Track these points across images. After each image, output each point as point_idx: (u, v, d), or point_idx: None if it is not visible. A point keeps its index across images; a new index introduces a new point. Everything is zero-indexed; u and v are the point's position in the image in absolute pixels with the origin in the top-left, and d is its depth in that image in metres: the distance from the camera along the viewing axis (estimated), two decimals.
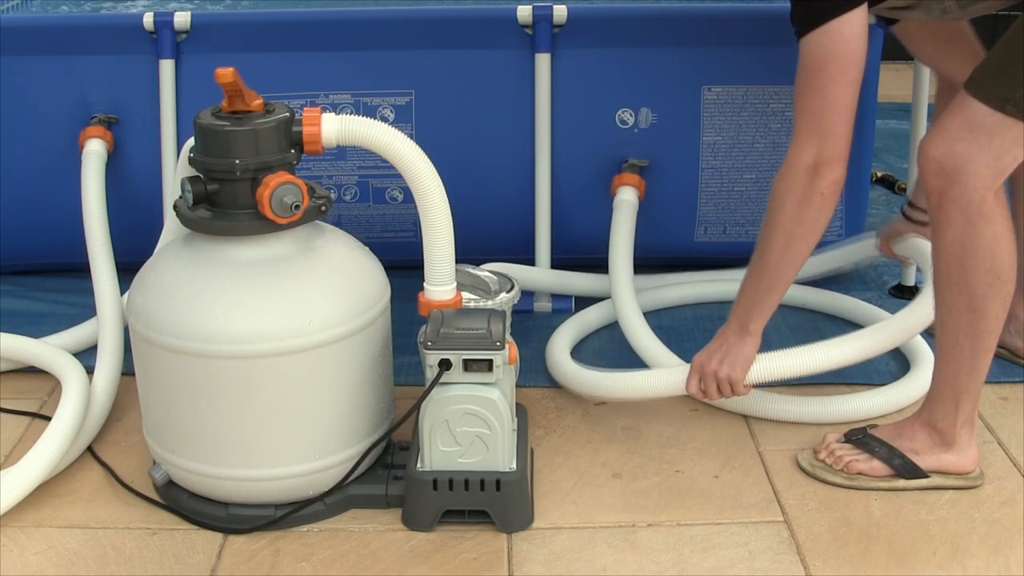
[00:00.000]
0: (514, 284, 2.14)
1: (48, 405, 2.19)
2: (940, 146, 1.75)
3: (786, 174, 1.83)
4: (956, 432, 1.89)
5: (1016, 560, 1.76)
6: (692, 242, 2.66)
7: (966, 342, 1.82)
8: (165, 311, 1.74)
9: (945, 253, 1.79)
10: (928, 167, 1.77)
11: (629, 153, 2.54)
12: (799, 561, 1.76)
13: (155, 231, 2.16)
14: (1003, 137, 1.72)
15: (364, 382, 1.84)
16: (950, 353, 1.85)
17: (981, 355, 1.83)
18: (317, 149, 1.79)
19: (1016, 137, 1.72)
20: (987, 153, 1.73)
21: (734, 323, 1.94)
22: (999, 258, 1.76)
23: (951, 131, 1.75)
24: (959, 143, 1.73)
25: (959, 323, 1.81)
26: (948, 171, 1.74)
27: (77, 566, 1.76)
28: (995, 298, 1.78)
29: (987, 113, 1.72)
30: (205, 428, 1.78)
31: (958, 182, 1.74)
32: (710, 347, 1.97)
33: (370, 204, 2.62)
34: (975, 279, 1.77)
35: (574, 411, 2.18)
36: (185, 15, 2.49)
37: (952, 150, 1.74)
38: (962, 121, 1.74)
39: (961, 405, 1.87)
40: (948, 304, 1.82)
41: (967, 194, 1.74)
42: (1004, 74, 1.72)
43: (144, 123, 2.52)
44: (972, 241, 1.75)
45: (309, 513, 1.84)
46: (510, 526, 1.82)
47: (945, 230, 1.77)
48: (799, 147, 1.80)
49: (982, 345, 1.82)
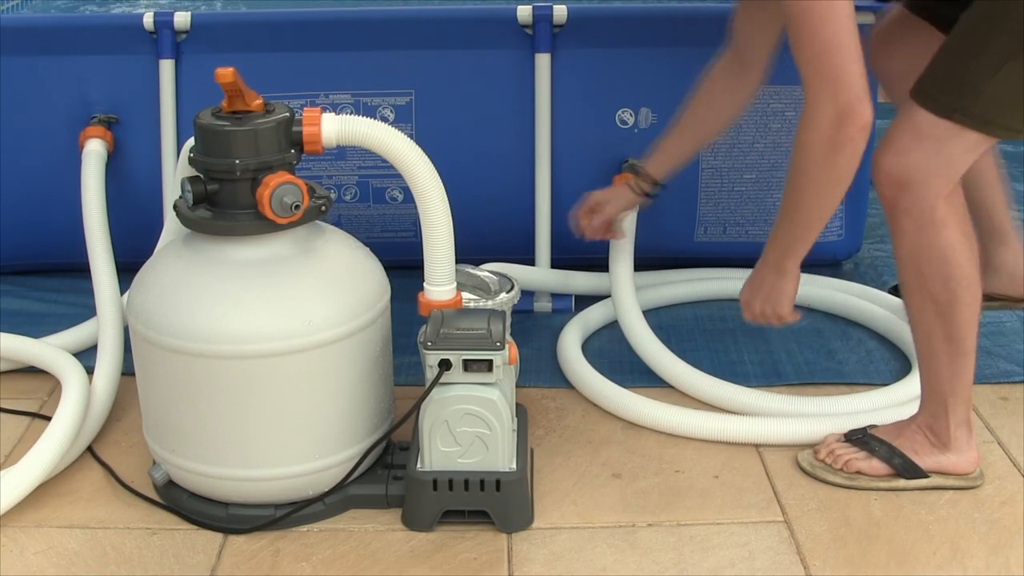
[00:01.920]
0: (514, 284, 2.14)
1: (48, 405, 2.19)
2: (890, 157, 1.75)
3: (809, 127, 1.74)
4: (951, 434, 1.89)
5: (1016, 560, 1.76)
6: (692, 242, 2.66)
7: (941, 346, 1.83)
8: (165, 311, 1.74)
9: (903, 262, 1.81)
10: (880, 178, 1.77)
11: (629, 153, 2.54)
12: (799, 561, 1.76)
13: (155, 231, 2.16)
14: (952, 145, 1.72)
15: (364, 382, 1.84)
16: (928, 358, 1.86)
17: (958, 359, 1.83)
18: (317, 149, 1.79)
19: (966, 144, 1.72)
20: (936, 162, 1.72)
21: (771, 263, 1.93)
22: (956, 264, 1.76)
23: (900, 142, 1.74)
24: (909, 153, 1.73)
25: (931, 328, 1.82)
26: (899, 181, 1.74)
27: (77, 566, 1.76)
28: (959, 303, 1.78)
29: (935, 122, 1.71)
30: (205, 428, 1.78)
31: (909, 192, 1.74)
32: (752, 283, 1.97)
33: (370, 204, 2.62)
34: (935, 286, 1.78)
35: (574, 411, 2.18)
36: (185, 15, 2.49)
37: (902, 160, 1.73)
38: (911, 131, 1.73)
39: (950, 408, 1.87)
40: (916, 310, 1.83)
41: (918, 203, 1.74)
42: (951, 81, 1.71)
43: (144, 123, 2.52)
44: (927, 249, 1.76)
45: (309, 513, 1.84)
46: (510, 526, 1.82)
47: (901, 240, 1.79)
48: (815, 100, 1.72)
49: (957, 349, 1.82)
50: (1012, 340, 2.41)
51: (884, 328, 2.42)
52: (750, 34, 2.06)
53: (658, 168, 2.23)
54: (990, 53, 1.68)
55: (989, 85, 1.68)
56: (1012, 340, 2.41)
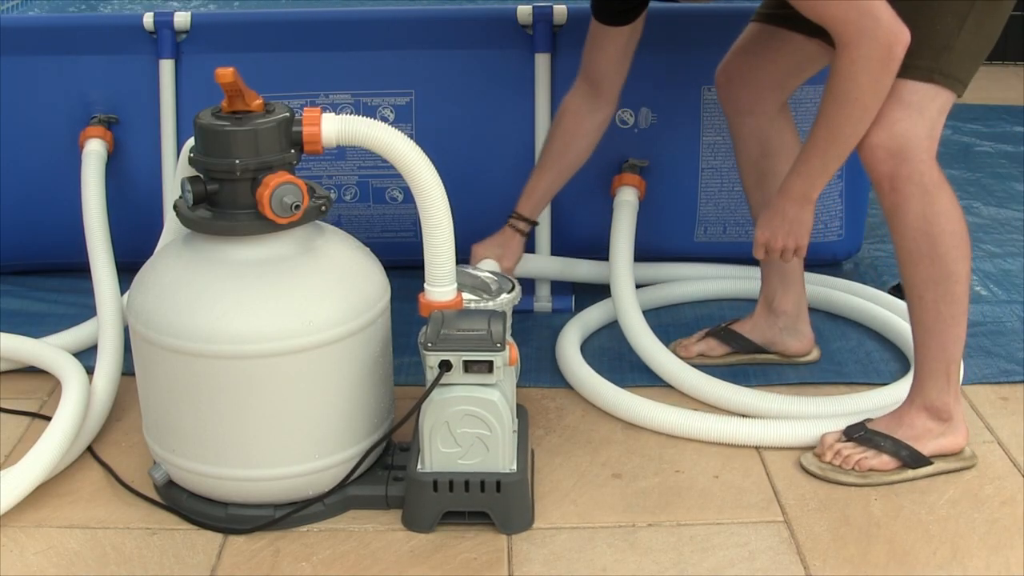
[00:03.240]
0: (515, 285, 2.14)
1: (48, 405, 2.19)
2: (881, 132, 1.81)
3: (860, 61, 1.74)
4: (951, 406, 1.94)
5: (1016, 560, 1.76)
6: (692, 242, 2.66)
7: (946, 310, 1.88)
8: (165, 311, 1.74)
9: (910, 230, 1.85)
10: (874, 155, 1.82)
11: (629, 153, 2.54)
12: (799, 561, 1.76)
13: (155, 231, 2.16)
14: (931, 108, 1.82)
15: (364, 382, 1.84)
16: (934, 326, 1.90)
17: (960, 319, 1.90)
18: (317, 149, 1.79)
19: (941, 105, 1.83)
20: (923, 126, 1.81)
21: (796, 194, 1.93)
22: (956, 220, 1.85)
23: (886, 115, 1.81)
24: (898, 124, 1.80)
25: (937, 293, 1.87)
26: (896, 153, 1.81)
27: (77, 566, 1.76)
28: (962, 259, 1.86)
29: (914, 88, 1.80)
30: (205, 428, 1.78)
31: (907, 160, 1.81)
32: (771, 222, 1.97)
33: (370, 204, 2.62)
34: (943, 245, 1.84)
35: (574, 411, 2.18)
36: (185, 15, 2.49)
37: (894, 132, 1.80)
38: (894, 102, 1.80)
39: (951, 376, 1.93)
40: (923, 279, 1.87)
41: (918, 167, 1.81)
42: (924, 46, 1.78)
43: (144, 123, 2.52)
44: (933, 210, 1.83)
45: (309, 513, 1.84)
46: (511, 528, 1.82)
47: (906, 209, 1.83)
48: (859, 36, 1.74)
49: (960, 309, 1.89)
50: (1012, 340, 2.41)
51: (884, 328, 2.42)
52: (603, 65, 2.13)
53: (532, 210, 2.25)
54: (951, 12, 1.79)
55: (957, 42, 1.79)
56: (1012, 340, 2.41)
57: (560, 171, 2.23)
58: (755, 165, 2.20)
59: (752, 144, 2.18)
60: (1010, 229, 3.02)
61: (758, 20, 2.15)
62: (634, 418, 2.12)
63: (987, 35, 1.84)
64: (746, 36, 2.17)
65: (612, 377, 2.21)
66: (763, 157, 2.18)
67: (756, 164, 2.20)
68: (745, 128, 2.18)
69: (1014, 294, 2.63)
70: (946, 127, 4.00)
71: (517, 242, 2.25)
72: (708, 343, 2.33)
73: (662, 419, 2.09)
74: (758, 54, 2.14)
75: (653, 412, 2.10)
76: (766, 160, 2.18)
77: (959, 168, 3.48)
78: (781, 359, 2.30)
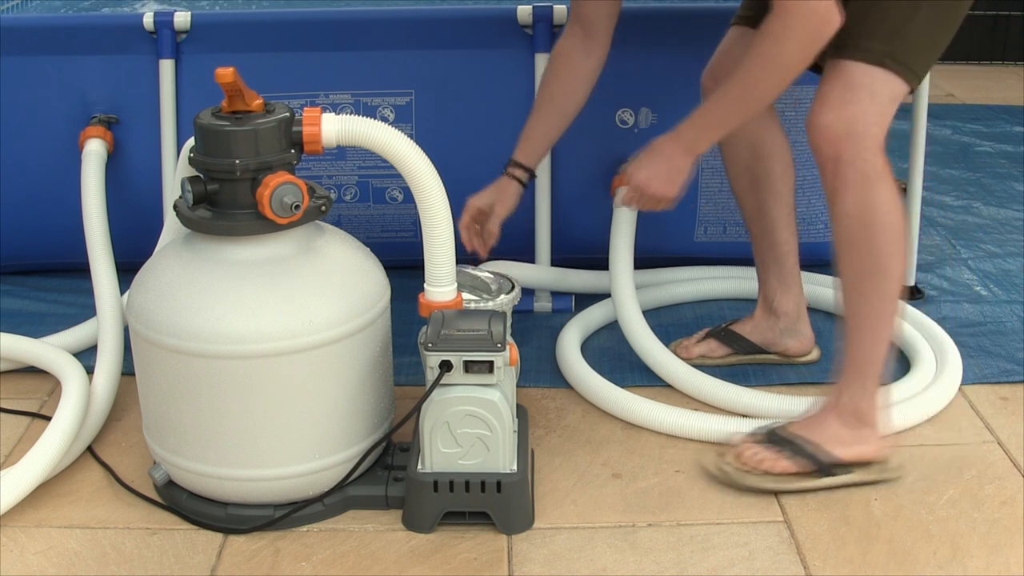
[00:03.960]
0: (514, 285, 2.14)
1: (48, 405, 2.19)
2: (829, 113, 1.79)
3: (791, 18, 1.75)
4: (870, 408, 1.91)
5: (1016, 560, 1.76)
6: (692, 242, 2.66)
7: (878, 306, 1.86)
8: (165, 311, 1.74)
9: (847, 217, 1.82)
10: (820, 137, 1.80)
11: (629, 153, 2.53)
12: (799, 561, 1.76)
13: (155, 231, 2.16)
14: (882, 93, 1.79)
15: (364, 382, 1.84)
16: (863, 323, 1.87)
17: (887, 320, 1.87)
18: (317, 149, 1.79)
19: (892, 92, 1.80)
20: (872, 111, 1.79)
21: (686, 140, 1.89)
22: (895, 214, 1.82)
23: (834, 97, 1.79)
24: (846, 106, 1.78)
25: (868, 287, 1.85)
26: (841, 135, 1.79)
27: (77, 566, 1.76)
28: (897, 255, 1.84)
29: (865, 71, 1.78)
30: (205, 428, 1.78)
31: (851, 143, 1.79)
32: (651, 164, 1.92)
33: (370, 204, 2.62)
34: (878, 237, 1.81)
35: (574, 411, 2.18)
36: (185, 15, 2.49)
37: (842, 114, 1.78)
38: (843, 86, 1.79)
39: (873, 378, 1.90)
40: (855, 270, 1.85)
41: (862, 153, 1.79)
42: (877, 30, 1.78)
43: (144, 123, 2.52)
44: (872, 199, 1.80)
45: (309, 513, 1.84)
46: (511, 528, 1.82)
47: (845, 194, 1.81)
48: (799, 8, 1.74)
49: (888, 308, 1.86)
50: (1012, 340, 2.41)
51: None
52: (594, 6, 2.10)
53: (528, 156, 2.22)
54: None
55: (911, 29, 1.78)
56: (1012, 340, 2.41)
57: (554, 116, 2.19)
58: (747, 169, 2.19)
59: (743, 148, 2.17)
60: (1010, 229, 3.02)
61: (739, 23, 2.14)
62: (634, 418, 2.12)
63: (944, 26, 1.82)
64: (729, 40, 2.16)
65: (612, 377, 2.21)
66: (755, 160, 2.17)
67: (748, 168, 2.19)
68: (735, 133, 2.16)
69: (1014, 294, 2.63)
70: (946, 127, 4.05)
71: (513, 189, 2.22)
72: (708, 344, 2.33)
73: (662, 419, 2.09)
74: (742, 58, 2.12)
75: (653, 412, 2.10)
76: (758, 163, 2.17)
77: (959, 168, 3.48)
78: (781, 359, 2.30)
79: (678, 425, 2.07)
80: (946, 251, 2.88)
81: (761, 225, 2.22)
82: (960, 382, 2.22)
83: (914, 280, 2.63)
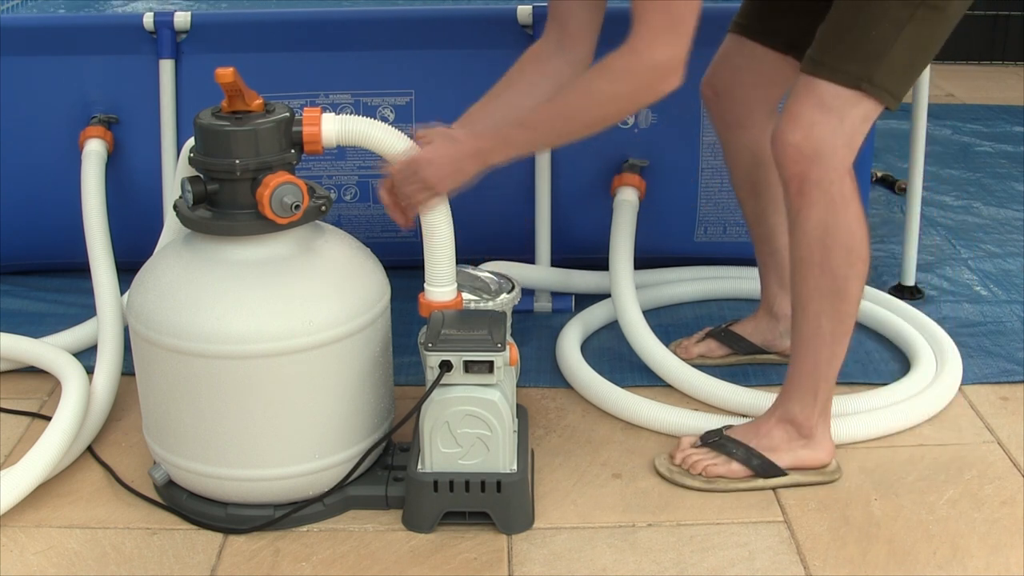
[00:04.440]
0: (515, 285, 2.14)
1: (48, 405, 2.19)
2: (797, 132, 1.77)
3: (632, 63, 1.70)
4: (814, 424, 1.91)
5: (1016, 560, 1.76)
6: (692, 242, 2.66)
7: (828, 326, 1.85)
8: (165, 311, 1.74)
9: (807, 236, 1.81)
10: (787, 154, 1.78)
11: (629, 153, 2.54)
12: (799, 561, 1.76)
13: (155, 231, 2.16)
14: (853, 115, 1.76)
15: (364, 382, 1.84)
16: (812, 340, 1.87)
17: (840, 339, 1.87)
18: (317, 149, 1.79)
19: (864, 113, 1.77)
20: (842, 133, 1.76)
21: (482, 148, 1.77)
22: (858, 238, 1.81)
23: (805, 116, 1.77)
24: (816, 126, 1.76)
25: (822, 306, 1.84)
26: (809, 155, 1.76)
27: (77, 566, 1.76)
28: (855, 278, 1.83)
29: (838, 93, 1.75)
30: (205, 428, 1.78)
31: (819, 164, 1.76)
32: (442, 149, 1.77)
33: (370, 204, 2.62)
34: (837, 259, 1.80)
35: (574, 411, 2.18)
36: (185, 15, 2.49)
37: (812, 134, 1.76)
38: (814, 104, 1.76)
39: (819, 395, 1.90)
40: (811, 288, 1.84)
41: (828, 174, 1.77)
42: (855, 52, 1.74)
43: (144, 123, 2.52)
44: (834, 221, 1.79)
45: (309, 513, 1.84)
46: (511, 528, 1.82)
47: (808, 213, 1.80)
48: (653, 42, 1.69)
49: (842, 329, 1.86)
50: (1012, 340, 2.41)
51: (884, 328, 2.42)
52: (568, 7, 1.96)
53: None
54: (889, 20, 1.72)
55: (891, 52, 1.73)
56: (1012, 340, 2.41)
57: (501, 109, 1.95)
58: (748, 175, 2.18)
59: (744, 155, 2.17)
60: (1010, 229, 3.02)
61: (736, 31, 2.11)
62: (634, 418, 2.12)
63: (924, 48, 1.78)
64: (727, 48, 2.13)
65: (612, 377, 2.21)
66: (756, 167, 2.16)
67: (749, 174, 2.18)
68: (736, 141, 2.16)
69: (1014, 294, 2.63)
70: (946, 127, 4.04)
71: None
72: (708, 344, 2.33)
73: (662, 419, 2.09)
74: (741, 68, 2.10)
75: (653, 412, 2.10)
76: (759, 170, 2.16)
77: (959, 168, 3.48)
78: (781, 359, 2.30)
79: (678, 425, 2.07)
80: (946, 251, 2.88)
81: (761, 230, 2.22)
82: (960, 382, 2.22)
83: (914, 280, 2.63)
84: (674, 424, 2.08)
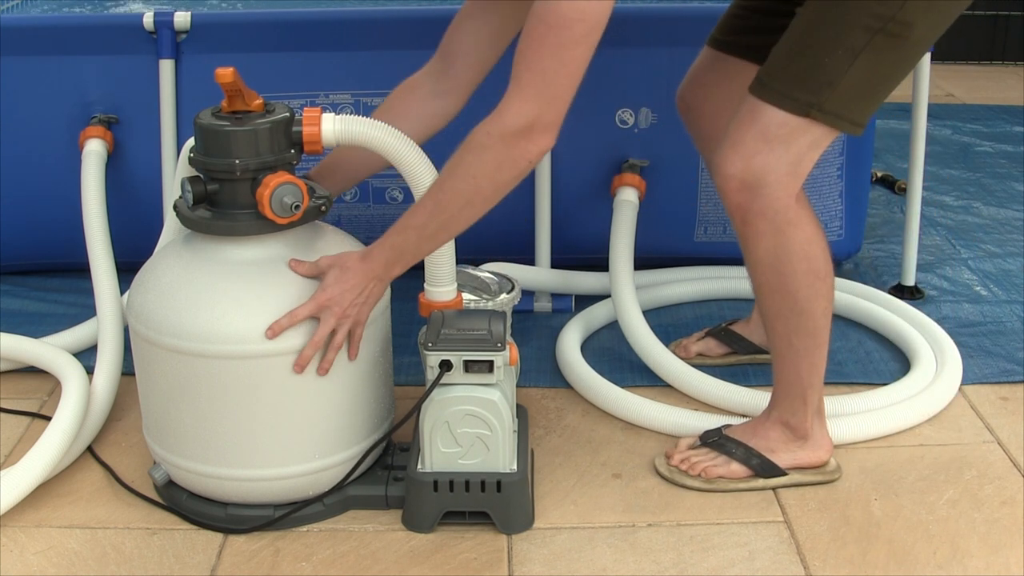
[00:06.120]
0: (514, 285, 2.14)
1: (48, 405, 2.19)
2: (737, 163, 1.73)
3: (494, 128, 1.63)
4: (809, 426, 1.91)
5: (1016, 560, 1.76)
6: (692, 242, 2.66)
7: (800, 342, 1.84)
8: (165, 311, 1.74)
9: (760, 264, 1.79)
10: (728, 185, 1.74)
11: (629, 153, 2.54)
12: (799, 561, 1.76)
13: (155, 231, 2.16)
14: (799, 142, 1.71)
15: (364, 382, 1.84)
16: (788, 356, 1.87)
17: (816, 350, 1.86)
18: (317, 149, 1.79)
19: (813, 140, 1.71)
20: (785, 161, 1.71)
21: (375, 266, 1.72)
22: (814, 258, 1.78)
23: (747, 145, 1.72)
24: (758, 156, 1.71)
25: (788, 326, 1.83)
26: (751, 185, 1.72)
27: (77, 566, 1.76)
28: (818, 296, 1.80)
29: (784, 121, 1.69)
30: (205, 428, 1.78)
31: (761, 195, 1.72)
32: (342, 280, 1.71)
33: (370, 204, 2.62)
34: (795, 283, 1.78)
35: (574, 411, 2.18)
36: (185, 15, 2.49)
37: (753, 164, 1.71)
38: (757, 132, 1.71)
39: (809, 400, 1.90)
40: (774, 311, 1.83)
41: (772, 204, 1.73)
42: (806, 78, 1.69)
43: (144, 123, 2.52)
44: (785, 248, 1.76)
45: (309, 513, 1.84)
46: (511, 528, 1.82)
47: (757, 243, 1.77)
48: (518, 105, 1.62)
49: (815, 341, 1.85)
50: (1012, 340, 2.41)
51: (884, 328, 2.42)
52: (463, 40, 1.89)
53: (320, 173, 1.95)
54: (844, 47, 1.66)
55: (844, 79, 1.67)
56: (1012, 340, 2.41)
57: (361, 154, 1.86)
58: None
59: None
60: (1010, 229, 3.02)
61: (712, 46, 2.08)
62: (634, 418, 2.12)
63: (884, 75, 1.71)
64: (701, 63, 2.10)
65: (612, 377, 2.21)
66: None
67: None
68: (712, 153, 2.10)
69: (1014, 294, 2.63)
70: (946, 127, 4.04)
71: None
72: (707, 343, 2.33)
73: (662, 419, 2.09)
74: (716, 84, 2.06)
75: (653, 412, 2.10)
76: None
77: (959, 168, 3.48)
78: None
79: (678, 425, 2.07)
80: (946, 251, 2.88)
81: None
82: (960, 382, 2.22)
83: (914, 280, 2.63)
84: (674, 424, 2.08)
